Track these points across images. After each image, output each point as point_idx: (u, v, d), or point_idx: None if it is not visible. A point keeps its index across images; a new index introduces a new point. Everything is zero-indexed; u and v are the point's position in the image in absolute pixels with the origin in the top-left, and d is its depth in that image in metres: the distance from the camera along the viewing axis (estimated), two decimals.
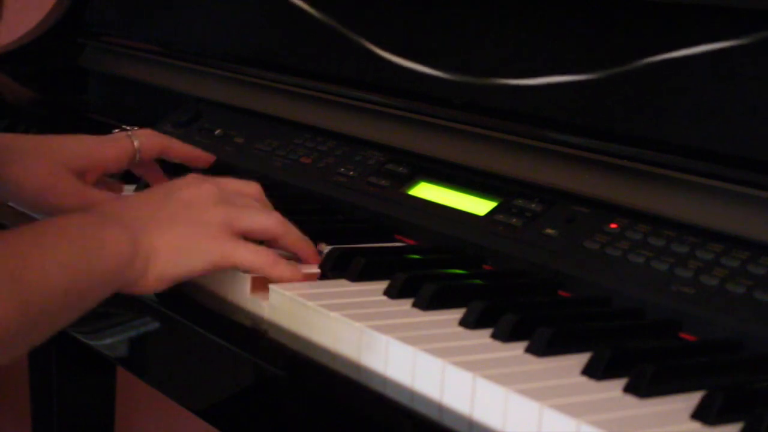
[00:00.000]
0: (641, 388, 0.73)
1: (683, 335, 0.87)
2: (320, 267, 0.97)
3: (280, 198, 1.26)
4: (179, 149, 1.18)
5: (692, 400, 0.72)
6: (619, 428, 0.68)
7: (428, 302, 0.88)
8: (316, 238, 1.02)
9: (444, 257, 1.03)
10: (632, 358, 0.77)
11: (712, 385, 0.73)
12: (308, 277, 0.95)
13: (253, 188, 0.98)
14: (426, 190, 1.12)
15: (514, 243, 1.00)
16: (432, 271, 0.97)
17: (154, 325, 1.00)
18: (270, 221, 0.94)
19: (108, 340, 1.08)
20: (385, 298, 0.91)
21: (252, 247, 0.92)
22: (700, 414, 0.71)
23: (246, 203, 0.95)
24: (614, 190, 0.99)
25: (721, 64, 0.97)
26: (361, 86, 1.26)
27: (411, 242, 1.09)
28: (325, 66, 1.33)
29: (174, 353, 1.02)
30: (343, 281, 0.95)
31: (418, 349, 0.78)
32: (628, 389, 0.74)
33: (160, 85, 1.56)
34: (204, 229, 0.90)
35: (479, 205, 1.06)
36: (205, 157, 1.19)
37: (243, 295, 0.94)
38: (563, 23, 1.11)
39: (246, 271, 0.93)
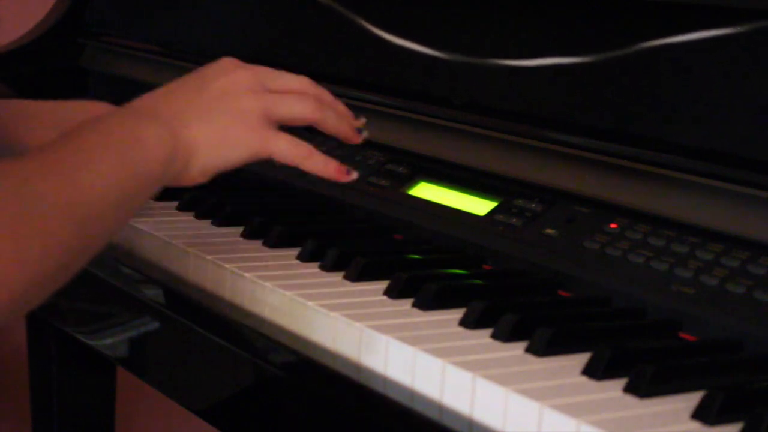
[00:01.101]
0: (641, 388, 0.73)
1: (683, 335, 0.87)
2: (320, 267, 0.97)
3: (280, 198, 1.26)
4: None
5: (692, 400, 0.72)
6: (619, 428, 0.68)
7: (428, 302, 0.88)
8: (316, 238, 1.02)
9: (444, 257, 1.03)
10: (632, 358, 0.77)
11: (712, 385, 0.73)
12: (339, 172, 0.95)
13: (286, 73, 0.97)
14: (426, 190, 1.12)
15: (514, 243, 1.00)
16: (432, 271, 0.97)
17: (154, 325, 1.00)
18: (307, 108, 0.93)
19: (108, 340, 1.08)
20: (385, 298, 0.91)
21: (289, 138, 0.92)
22: (700, 414, 0.71)
23: (283, 88, 0.94)
24: (614, 190, 0.99)
25: (722, 64, 0.97)
26: (361, 84, 1.26)
27: (411, 242, 1.09)
28: (325, 65, 1.33)
29: (174, 353, 1.02)
30: (343, 281, 0.95)
31: (418, 349, 0.78)
32: (628, 389, 0.74)
33: (160, 85, 1.56)
34: (241, 118, 0.90)
35: (479, 205, 1.06)
36: None
37: (243, 295, 0.94)
38: (566, 15, 1.11)
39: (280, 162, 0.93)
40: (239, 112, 0.90)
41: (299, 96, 0.94)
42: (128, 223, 0.83)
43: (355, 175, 0.97)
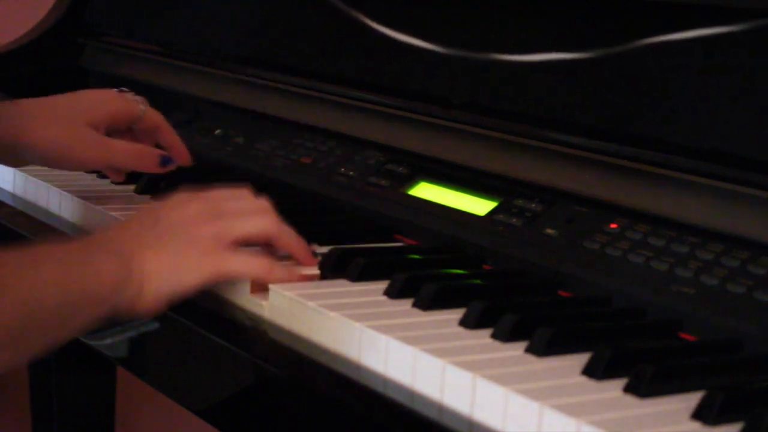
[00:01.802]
0: (641, 388, 0.73)
1: (683, 335, 0.87)
2: (320, 267, 0.97)
3: (280, 198, 1.26)
4: (168, 134, 1.20)
5: (692, 400, 0.72)
6: (619, 428, 0.68)
7: (428, 302, 0.88)
8: (316, 239, 1.02)
9: (444, 257, 1.03)
10: (632, 358, 0.77)
11: (712, 385, 0.73)
12: (307, 278, 0.95)
13: (243, 192, 0.98)
14: (426, 190, 1.12)
15: (514, 243, 1.00)
16: (432, 271, 0.97)
17: (154, 325, 1.00)
18: (261, 224, 0.95)
19: (108, 340, 1.08)
20: (385, 298, 0.91)
21: (244, 256, 0.92)
22: (700, 414, 0.71)
23: (237, 210, 0.95)
24: (614, 190, 0.99)
25: (722, 63, 0.97)
26: (361, 84, 1.26)
27: (411, 242, 1.09)
28: (325, 66, 1.33)
29: (174, 353, 1.02)
30: (343, 281, 0.95)
31: (418, 349, 0.78)
32: (628, 389, 0.74)
33: (160, 85, 1.56)
34: (193, 244, 0.91)
35: (479, 205, 1.06)
36: (186, 156, 1.21)
37: (243, 295, 0.94)
38: (567, 15, 1.11)
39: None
40: (191, 238, 0.92)
41: (255, 213, 0.95)
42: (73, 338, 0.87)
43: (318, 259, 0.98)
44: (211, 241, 0.92)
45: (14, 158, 1.17)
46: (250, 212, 0.96)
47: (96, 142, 1.13)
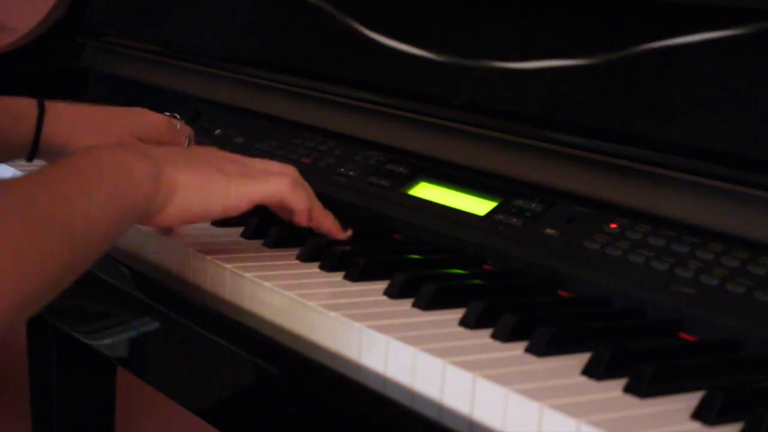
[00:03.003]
0: (641, 388, 0.73)
1: (683, 335, 0.87)
2: (320, 267, 0.97)
3: None
4: None
5: (692, 400, 0.72)
6: (619, 428, 0.68)
7: (428, 302, 0.88)
8: (316, 238, 1.02)
9: (444, 257, 1.03)
10: (632, 358, 0.77)
11: (712, 385, 0.73)
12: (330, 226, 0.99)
13: (284, 167, 1.02)
14: (426, 190, 1.12)
15: (514, 243, 1.00)
16: (432, 271, 0.97)
17: (154, 325, 1.00)
18: (280, 183, 0.98)
19: (108, 340, 1.08)
20: (385, 298, 0.91)
21: (268, 176, 0.97)
22: (700, 414, 0.71)
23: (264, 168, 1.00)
24: (614, 190, 0.99)
25: (722, 64, 0.97)
26: (361, 84, 1.26)
27: (411, 242, 1.09)
28: (325, 66, 1.33)
29: (174, 353, 1.02)
30: (344, 281, 0.95)
31: (418, 349, 0.78)
32: (628, 389, 0.74)
33: (160, 85, 1.57)
34: (223, 174, 0.95)
35: (479, 205, 1.06)
36: None
37: (243, 294, 0.94)
38: (567, 15, 1.11)
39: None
40: (220, 169, 0.96)
41: (277, 174, 0.99)
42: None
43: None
44: (237, 173, 0.96)
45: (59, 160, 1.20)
46: (274, 172, 0.99)
47: None
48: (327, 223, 1.01)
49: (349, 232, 1.03)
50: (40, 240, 0.75)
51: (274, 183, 0.97)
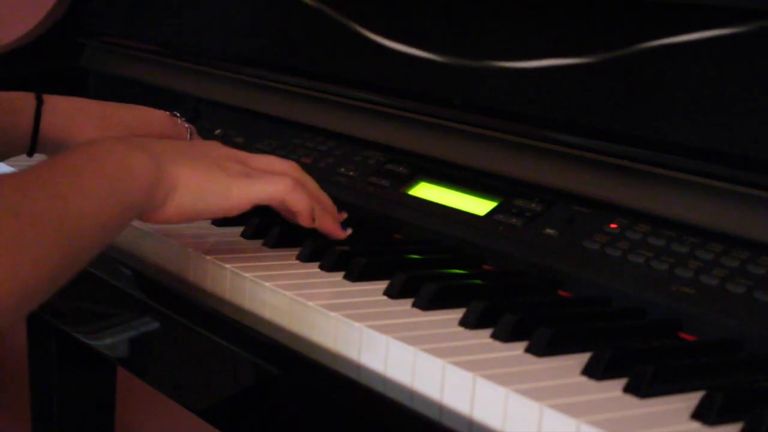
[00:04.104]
0: (641, 388, 0.73)
1: (683, 335, 0.87)
2: (320, 267, 0.97)
3: None
4: None
5: (692, 400, 0.72)
6: (619, 428, 0.68)
7: (428, 302, 0.88)
8: (316, 238, 1.02)
9: (444, 257, 1.03)
10: (632, 358, 0.77)
11: (712, 385, 0.73)
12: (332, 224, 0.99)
13: (286, 165, 1.02)
14: (426, 190, 1.12)
15: (514, 243, 1.00)
16: (432, 271, 0.97)
17: (154, 325, 1.00)
18: (281, 185, 0.97)
19: (108, 340, 1.08)
20: (385, 298, 0.91)
21: (267, 177, 0.96)
22: (700, 414, 0.71)
23: (265, 167, 0.99)
24: (614, 190, 0.99)
25: (722, 63, 0.97)
26: (361, 84, 1.26)
27: (411, 242, 1.09)
28: (325, 66, 1.33)
29: (174, 353, 1.02)
30: (344, 281, 0.95)
31: (418, 349, 0.78)
32: (628, 389, 0.74)
33: (160, 85, 1.57)
34: (225, 172, 0.94)
35: (479, 205, 1.06)
36: None
37: (243, 294, 0.94)
38: (567, 15, 1.11)
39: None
40: (222, 166, 0.95)
41: (279, 173, 0.98)
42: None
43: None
44: (239, 172, 0.95)
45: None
46: (277, 172, 0.99)
47: None
48: (326, 223, 1.01)
49: (349, 231, 1.03)
50: (34, 235, 0.75)
51: (275, 184, 0.97)
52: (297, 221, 0.99)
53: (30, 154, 1.17)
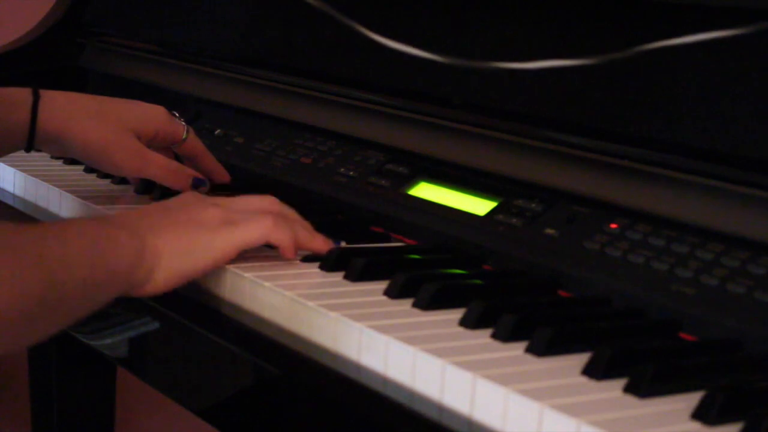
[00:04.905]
0: (641, 388, 0.73)
1: (683, 335, 0.87)
2: (320, 267, 0.97)
3: (280, 198, 1.26)
4: (208, 161, 1.24)
5: (692, 400, 0.72)
6: (619, 428, 0.68)
7: (428, 302, 0.88)
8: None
9: (444, 257, 1.03)
10: (632, 358, 0.77)
11: (712, 385, 0.73)
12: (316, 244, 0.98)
13: (265, 201, 1.01)
14: (426, 190, 1.12)
15: (514, 243, 1.00)
16: (432, 271, 0.97)
17: (154, 325, 1.00)
18: (263, 225, 0.96)
19: (108, 340, 1.08)
20: (385, 298, 0.91)
21: (249, 221, 0.95)
22: (700, 414, 0.71)
23: (245, 207, 0.99)
24: (614, 190, 0.99)
25: (722, 64, 0.97)
26: (361, 84, 1.26)
27: (411, 242, 1.09)
28: (325, 65, 1.33)
29: (174, 353, 1.02)
30: (343, 281, 0.95)
31: (418, 349, 0.78)
32: (628, 389, 0.74)
33: (160, 85, 1.57)
34: (205, 225, 0.94)
35: (479, 205, 1.06)
36: (226, 178, 1.25)
37: (242, 294, 0.94)
38: (567, 15, 1.11)
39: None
40: (201, 221, 0.95)
41: (259, 213, 0.98)
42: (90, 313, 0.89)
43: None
44: (220, 220, 0.95)
45: (58, 148, 1.20)
46: (257, 210, 0.98)
47: (136, 151, 1.16)
48: (315, 244, 1.00)
49: (343, 244, 1.03)
50: (12, 268, 0.77)
51: (258, 227, 0.96)
52: (281, 254, 0.98)
53: (27, 149, 1.17)
